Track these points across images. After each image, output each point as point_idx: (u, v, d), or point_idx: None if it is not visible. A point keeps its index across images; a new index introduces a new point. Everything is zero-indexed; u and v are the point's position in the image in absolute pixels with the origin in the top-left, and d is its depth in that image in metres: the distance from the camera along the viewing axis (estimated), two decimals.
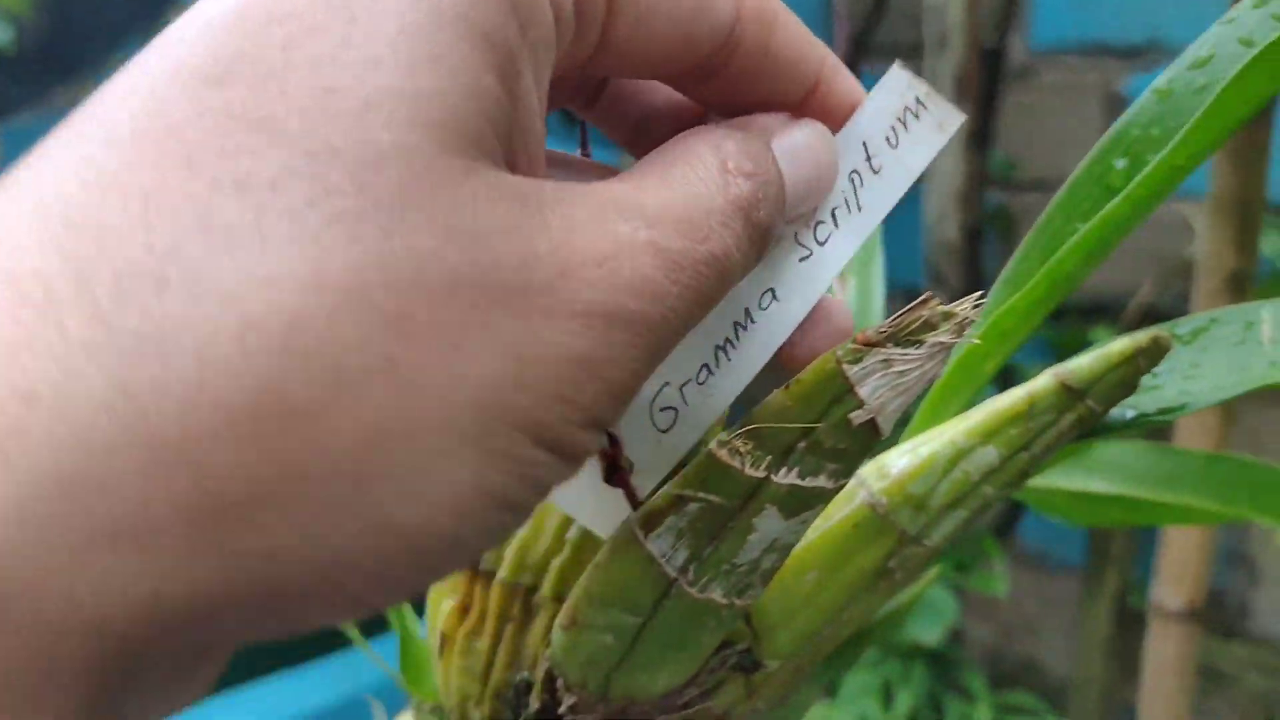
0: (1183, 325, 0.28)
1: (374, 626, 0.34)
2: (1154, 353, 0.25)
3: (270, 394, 0.14)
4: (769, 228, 0.20)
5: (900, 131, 0.22)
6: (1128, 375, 0.25)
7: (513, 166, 0.17)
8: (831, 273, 0.22)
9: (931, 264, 1.23)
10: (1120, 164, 0.28)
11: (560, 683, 0.25)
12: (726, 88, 0.21)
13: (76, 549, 0.13)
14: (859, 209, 0.22)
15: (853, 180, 0.22)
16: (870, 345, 0.21)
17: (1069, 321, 1.24)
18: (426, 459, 0.15)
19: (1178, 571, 0.75)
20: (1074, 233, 0.27)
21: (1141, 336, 0.26)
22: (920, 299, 0.21)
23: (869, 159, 0.22)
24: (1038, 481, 0.28)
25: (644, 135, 0.24)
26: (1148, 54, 1.26)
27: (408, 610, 0.33)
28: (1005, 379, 0.52)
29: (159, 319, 0.14)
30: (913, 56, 1.43)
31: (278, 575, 0.14)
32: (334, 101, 0.15)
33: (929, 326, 0.21)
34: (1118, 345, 0.25)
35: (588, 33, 0.18)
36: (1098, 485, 0.35)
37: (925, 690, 1.24)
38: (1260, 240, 0.66)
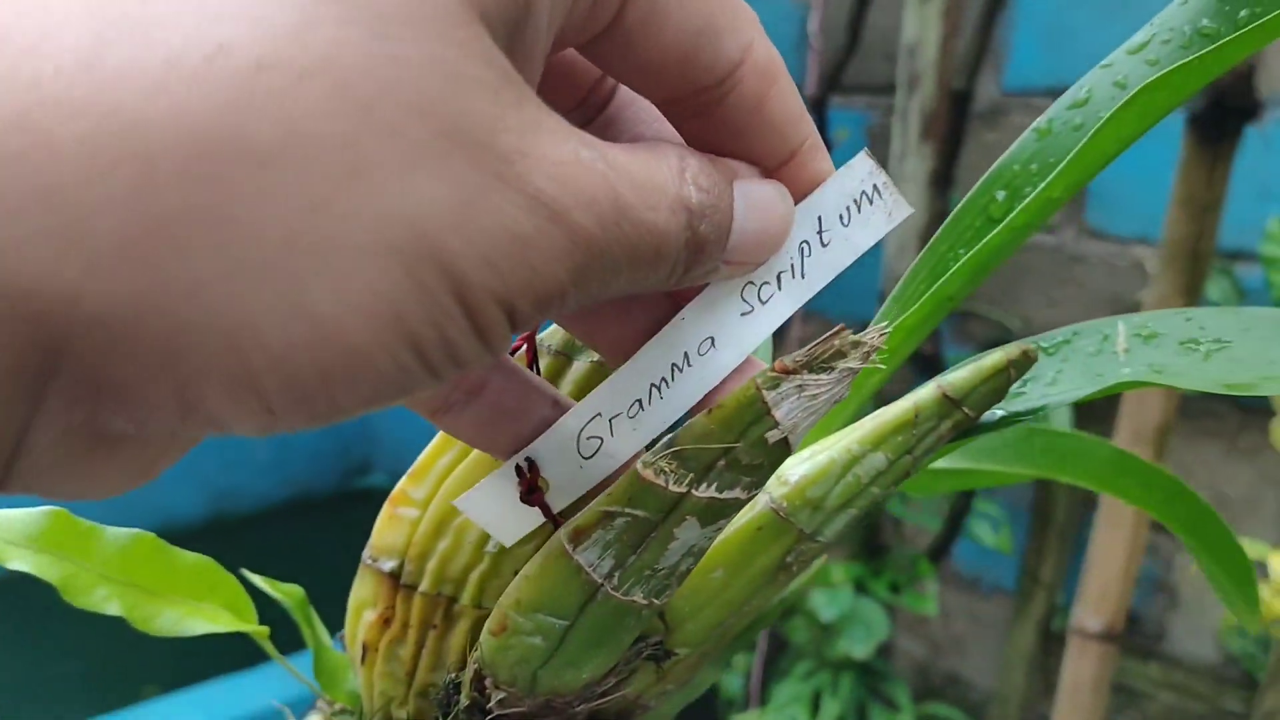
0: (1047, 339, 0.31)
1: (289, 645, 0.35)
2: (1023, 363, 0.28)
3: (225, 118, 0.14)
4: (705, 248, 0.20)
5: (853, 212, 0.23)
6: (999, 384, 0.28)
7: None
8: (766, 331, 0.23)
9: (886, 297, 1.26)
10: (1000, 195, 0.30)
11: (489, 681, 0.26)
12: (712, 131, 0.21)
13: (7, 195, 0.13)
14: (802, 277, 0.23)
15: (801, 249, 0.23)
16: (787, 373, 0.23)
17: None
18: (356, 255, 0.15)
19: (1099, 595, 0.80)
20: (958, 258, 0.29)
21: (1012, 348, 0.28)
22: (833, 330, 0.23)
23: (820, 232, 0.23)
24: None
25: None
26: None
27: (319, 625, 0.34)
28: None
29: (140, 17, 0.14)
30: (885, 95, 1.43)
31: (192, 318, 0.14)
32: None
33: (840, 354, 0.23)
34: (990, 358, 0.28)
35: (606, 5, 0.19)
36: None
37: (852, 700, 1.29)
38: (1207, 285, 0.71)
